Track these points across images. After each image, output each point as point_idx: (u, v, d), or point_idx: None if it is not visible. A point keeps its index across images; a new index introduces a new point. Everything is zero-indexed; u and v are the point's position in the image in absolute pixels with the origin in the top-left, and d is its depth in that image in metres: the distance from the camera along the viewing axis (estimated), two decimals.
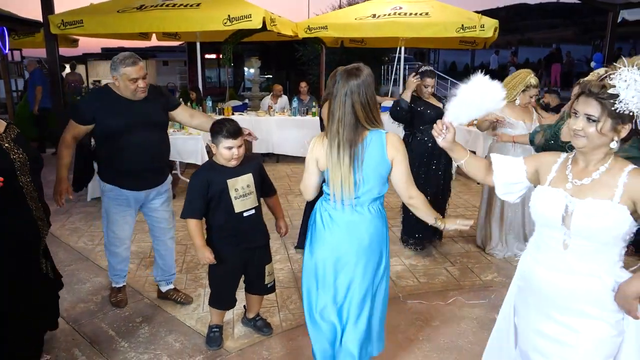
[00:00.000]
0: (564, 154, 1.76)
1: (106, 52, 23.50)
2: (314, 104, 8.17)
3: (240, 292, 2.92)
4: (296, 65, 14.99)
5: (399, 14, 7.92)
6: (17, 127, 2.34)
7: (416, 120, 4.08)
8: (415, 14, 7.86)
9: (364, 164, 2.05)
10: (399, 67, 9.73)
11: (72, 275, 3.75)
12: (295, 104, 7.87)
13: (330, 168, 2.07)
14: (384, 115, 2.33)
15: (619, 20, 9.95)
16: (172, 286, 3.39)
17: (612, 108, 1.52)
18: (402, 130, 4.29)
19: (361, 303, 2.18)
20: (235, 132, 2.52)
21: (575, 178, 1.65)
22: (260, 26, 7.11)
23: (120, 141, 2.85)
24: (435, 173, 4.13)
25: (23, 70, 12.81)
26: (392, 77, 11.62)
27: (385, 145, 2.05)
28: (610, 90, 1.52)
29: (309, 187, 2.24)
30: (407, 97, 3.94)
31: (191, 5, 7.28)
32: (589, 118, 1.56)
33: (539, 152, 3.76)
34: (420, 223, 2.44)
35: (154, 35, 9.84)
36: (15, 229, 2.23)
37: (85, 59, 19.96)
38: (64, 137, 2.88)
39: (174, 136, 5.75)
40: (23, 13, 10.55)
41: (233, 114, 7.82)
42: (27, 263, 2.36)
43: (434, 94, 4.18)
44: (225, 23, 7.03)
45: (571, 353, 1.66)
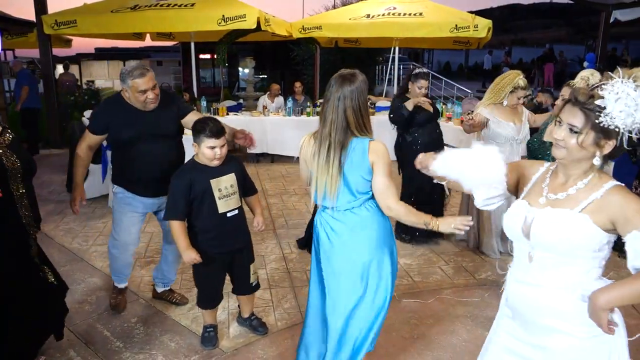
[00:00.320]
0: (547, 164, 1.66)
1: (100, 52, 23.45)
2: (308, 104, 8.18)
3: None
4: (291, 65, 15.01)
5: (393, 14, 7.96)
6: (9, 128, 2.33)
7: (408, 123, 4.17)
8: (409, 14, 7.90)
9: (345, 168, 2.06)
10: (393, 67, 9.76)
11: (66, 275, 3.71)
12: (290, 104, 7.86)
13: (316, 169, 2.10)
14: (380, 115, 2.34)
15: (612, 20, 10.04)
16: (168, 287, 3.38)
17: (597, 121, 1.39)
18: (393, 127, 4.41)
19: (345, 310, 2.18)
20: (218, 131, 2.50)
21: (551, 192, 1.55)
22: (254, 26, 7.12)
23: (130, 151, 2.86)
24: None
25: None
26: (387, 77, 11.65)
27: (367, 150, 2.05)
28: (597, 102, 1.39)
29: (304, 180, 2.32)
30: (410, 107, 4.04)
31: (185, 5, 7.27)
32: (571, 129, 1.44)
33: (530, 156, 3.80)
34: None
35: (148, 35, 9.83)
36: (3, 235, 2.21)
37: (78, 59, 19.89)
38: (79, 146, 2.89)
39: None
40: (16, 13, 10.51)
41: (228, 114, 7.81)
42: (17, 268, 2.34)
43: (425, 95, 4.24)
44: (220, 23, 7.04)
45: None
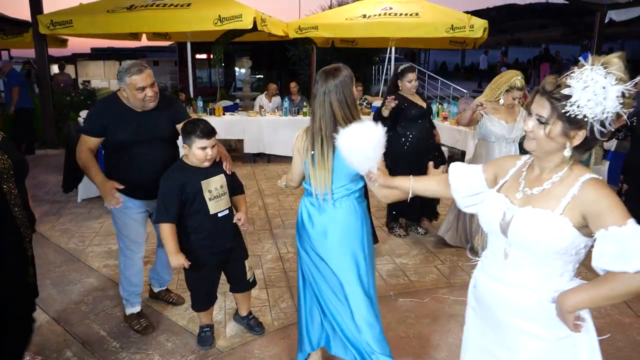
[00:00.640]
0: (525, 157, 1.61)
1: (96, 52, 23.38)
2: (305, 104, 8.18)
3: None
4: (287, 65, 15.00)
5: (389, 14, 7.99)
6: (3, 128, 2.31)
7: (399, 118, 4.29)
8: (405, 14, 7.92)
9: (336, 161, 2.14)
10: (390, 67, 9.79)
11: (63, 276, 3.73)
12: (286, 104, 7.87)
13: (312, 163, 2.17)
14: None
15: (607, 20, 10.08)
16: (164, 287, 3.38)
17: (563, 111, 1.34)
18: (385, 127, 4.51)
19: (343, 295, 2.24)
20: (209, 132, 2.49)
21: (527, 186, 1.50)
22: (250, 26, 7.13)
23: (125, 154, 2.76)
24: (422, 168, 4.21)
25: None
26: (383, 77, 11.66)
27: None
28: (564, 90, 1.33)
29: (295, 175, 2.38)
30: (386, 114, 4.15)
31: (182, 5, 7.27)
32: (539, 119, 1.40)
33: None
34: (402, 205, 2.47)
35: (144, 36, 9.82)
36: (2, 235, 2.19)
37: (74, 59, 19.84)
38: (80, 151, 2.73)
39: None
40: (11, 13, 10.47)
41: (224, 114, 7.81)
42: (16, 268, 2.33)
43: (419, 92, 4.40)
44: (216, 23, 7.04)
45: None
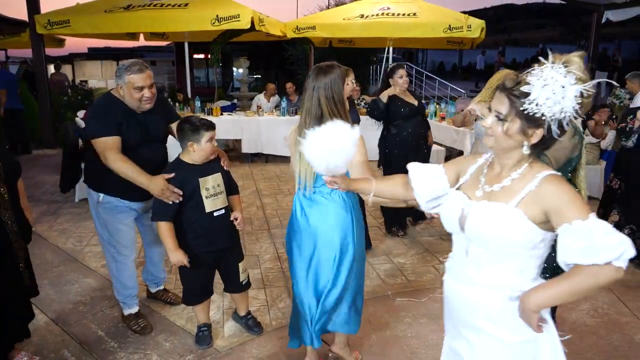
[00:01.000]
0: (486, 155, 1.58)
1: (93, 52, 23.29)
2: None
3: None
4: (285, 65, 15.00)
5: (387, 14, 8.00)
6: None
7: (392, 117, 4.42)
8: (403, 14, 7.94)
9: None
10: (387, 67, 9.78)
11: (60, 276, 3.73)
12: (284, 104, 7.87)
13: (299, 157, 2.20)
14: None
15: (603, 20, 10.13)
16: (161, 287, 3.38)
17: (521, 108, 1.32)
18: (379, 126, 4.63)
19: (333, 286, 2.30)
20: (212, 124, 2.57)
21: (488, 184, 1.48)
22: (248, 26, 7.13)
23: (129, 155, 2.65)
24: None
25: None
26: (381, 77, 11.67)
27: None
28: (523, 88, 1.32)
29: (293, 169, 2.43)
30: (384, 98, 4.30)
31: (179, 5, 7.27)
32: (497, 116, 1.38)
33: None
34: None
35: (141, 35, 9.82)
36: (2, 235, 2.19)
37: (71, 59, 19.77)
38: (109, 158, 2.57)
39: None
40: (8, 12, 10.44)
41: (222, 114, 7.81)
42: (14, 268, 2.32)
43: (410, 91, 4.54)
44: (214, 23, 7.05)
45: None
